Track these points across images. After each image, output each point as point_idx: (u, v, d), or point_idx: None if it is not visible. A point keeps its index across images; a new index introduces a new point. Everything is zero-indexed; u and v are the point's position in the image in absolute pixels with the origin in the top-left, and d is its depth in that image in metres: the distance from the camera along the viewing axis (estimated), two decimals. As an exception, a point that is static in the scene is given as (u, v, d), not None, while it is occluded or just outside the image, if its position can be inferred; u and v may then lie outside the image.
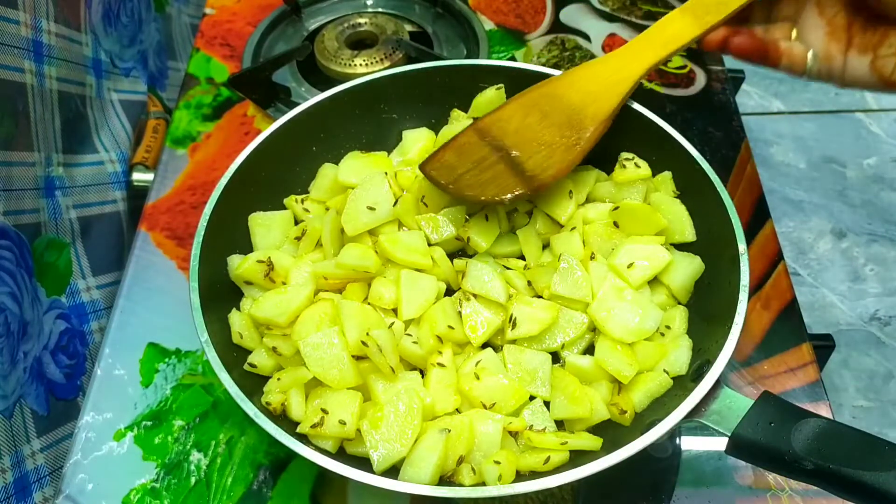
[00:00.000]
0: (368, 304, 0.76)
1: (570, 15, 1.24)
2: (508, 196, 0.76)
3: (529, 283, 0.79)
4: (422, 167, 0.80)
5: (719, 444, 0.70)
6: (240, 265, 0.78)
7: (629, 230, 0.80)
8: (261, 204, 0.84)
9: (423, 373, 0.74)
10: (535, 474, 0.66)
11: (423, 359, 0.74)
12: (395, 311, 0.77)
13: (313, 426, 0.67)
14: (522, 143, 0.79)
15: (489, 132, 0.81)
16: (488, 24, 1.22)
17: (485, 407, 0.70)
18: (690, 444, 0.78)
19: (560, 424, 0.72)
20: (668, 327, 0.75)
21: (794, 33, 0.75)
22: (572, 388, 0.71)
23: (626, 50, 0.83)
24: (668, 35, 0.81)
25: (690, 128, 1.06)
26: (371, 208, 0.80)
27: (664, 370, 0.72)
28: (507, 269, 0.80)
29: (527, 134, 0.80)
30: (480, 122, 0.82)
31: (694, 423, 0.63)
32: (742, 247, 0.71)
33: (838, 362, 1.72)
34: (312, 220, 0.83)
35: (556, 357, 0.76)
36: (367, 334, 0.70)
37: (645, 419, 0.70)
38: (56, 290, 0.89)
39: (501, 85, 0.88)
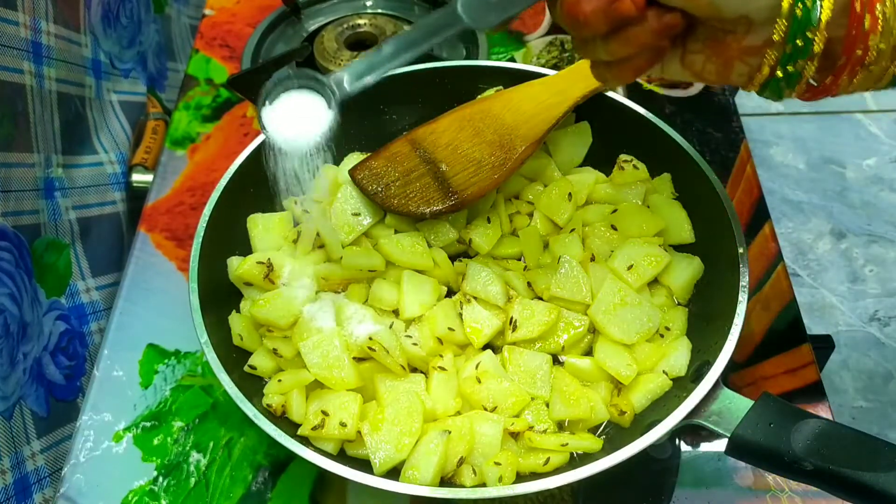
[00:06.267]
0: (369, 304, 0.77)
1: (569, 16, 1.24)
2: (429, 210, 0.78)
3: (529, 284, 0.79)
4: (351, 172, 0.82)
5: (719, 445, 0.71)
6: (239, 266, 0.78)
7: (628, 232, 0.80)
8: (260, 205, 0.84)
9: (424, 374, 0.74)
10: (535, 475, 0.66)
11: (423, 360, 0.74)
12: (395, 312, 0.77)
13: (314, 428, 0.67)
14: (452, 157, 0.81)
15: (421, 143, 0.82)
16: (488, 25, 1.22)
17: (486, 410, 0.70)
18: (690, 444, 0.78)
19: (560, 425, 0.72)
20: (667, 328, 0.75)
21: None
22: (572, 389, 0.71)
23: (565, 74, 0.84)
24: None
25: (690, 129, 1.06)
26: (356, 214, 0.81)
27: (664, 371, 0.72)
28: (508, 270, 0.81)
29: (458, 149, 0.81)
30: (414, 133, 0.83)
31: (694, 423, 0.63)
32: (741, 248, 0.72)
33: (838, 363, 1.73)
34: (307, 221, 0.83)
35: (556, 358, 0.76)
36: (371, 338, 0.70)
37: (644, 420, 0.70)
38: (56, 291, 0.89)
39: (500, 87, 0.88)
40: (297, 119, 0.63)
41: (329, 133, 0.64)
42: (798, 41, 0.49)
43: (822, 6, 0.48)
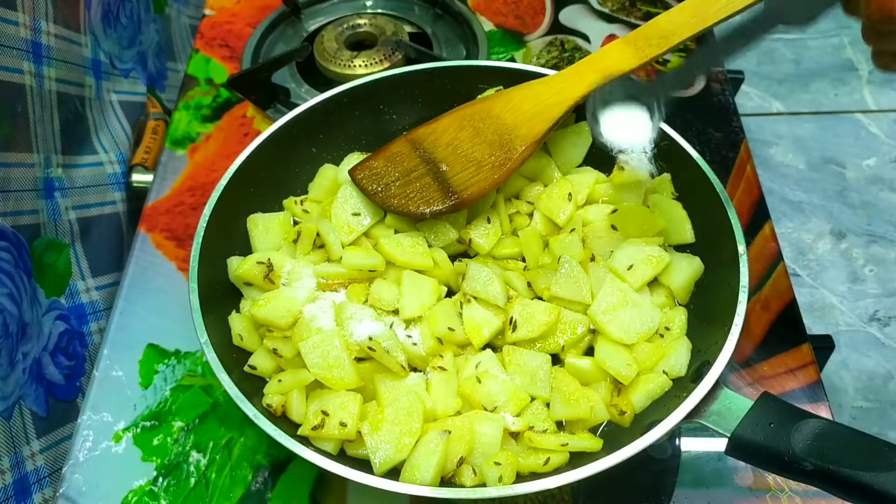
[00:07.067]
0: (369, 304, 0.77)
1: (569, 16, 1.24)
2: (429, 210, 0.78)
3: (529, 284, 0.79)
4: (351, 172, 0.82)
5: (719, 444, 0.70)
6: (239, 266, 0.78)
7: (628, 232, 0.80)
8: (260, 205, 0.84)
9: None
10: (535, 475, 0.66)
11: (423, 360, 0.74)
12: (395, 312, 0.77)
13: (314, 428, 0.67)
14: (452, 157, 0.81)
15: (421, 143, 0.82)
16: (488, 25, 1.22)
17: (486, 410, 0.70)
18: (690, 445, 0.78)
19: (560, 425, 0.72)
20: (667, 328, 0.75)
21: None
22: (572, 389, 0.71)
23: (566, 74, 0.84)
24: (609, 63, 0.83)
25: (690, 129, 1.06)
26: (356, 214, 0.81)
27: (664, 371, 0.72)
28: (508, 270, 0.81)
29: (458, 149, 0.81)
30: (414, 133, 0.83)
31: (694, 423, 0.63)
32: (741, 248, 0.71)
33: (838, 363, 1.72)
34: (307, 221, 0.83)
35: (556, 358, 0.76)
36: (371, 338, 0.70)
37: (644, 420, 0.70)
38: (55, 291, 0.89)
39: (500, 87, 0.88)
40: (624, 125, 0.69)
41: (653, 132, 0.69)
42: None
43: None
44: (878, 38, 0.60)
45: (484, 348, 0.75)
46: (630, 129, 0.69)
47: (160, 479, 0.77)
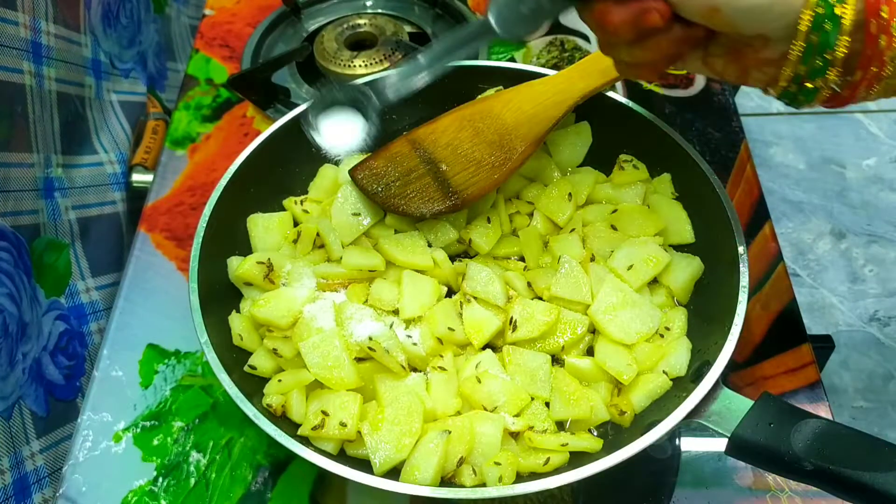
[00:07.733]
0: (369, 304, 0.77)
1: (569, 16, 1.24)
2: (429, 210, 0.79)
3: (529, 284, 0.79)
4: (351, 172, 0.82)
5: (719, 444, 0.71)
6: (239, 266, 0.78)
7: (628, 232, 0.80)
8: (260, 205, 0.84)
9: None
10: (535, 475, 0.66)
11: (423, 360, 0.74)
12: (395, 312, 0.77)
13: (314, 428, 0.67)
14: (452, 157, 0.81)
15: (421, 143, 0.82)
16: (488, 25, 1.22)
17: (486, 410, 0.70)
18: (690, 445, 0.78)
19: (560, 425, 0.72)
20: (667, 328, 0.75)
21: None
22: (572, 390, 0.71)
23: (565, 74, 0.84)
24: (609, 63, 0.82)
25: (690, 129, 1.06)
26: (356, 214, 0.81)
27: (664, 371, 0.72)
28: (508, 270, 0.81)
29: (458, 149, 0.81)
30: (414, 133, 0.83)
31: (694, 423, 0.63)
32: (741, 248, 0.72)
33: (838, 363, 1.73)
34: (307, 221, 0.83)
35: (556, 358, 0.76)
36: (371, 338, 0.70)
37: (644, 420, 0.70)
38: (55, 291, 0.89)
39: (500, 87, 0.88)
40: (340, 131, 0.71)
41: (368, 139, 0.71)
42: (817, 61, 0.52)
43: (839, 33, 0.50)
44: (609, 49, 0.61)
45: (484, 348, 0.75)
46: (343, 134, 0.71)
47: (160, 479, 0.77)
